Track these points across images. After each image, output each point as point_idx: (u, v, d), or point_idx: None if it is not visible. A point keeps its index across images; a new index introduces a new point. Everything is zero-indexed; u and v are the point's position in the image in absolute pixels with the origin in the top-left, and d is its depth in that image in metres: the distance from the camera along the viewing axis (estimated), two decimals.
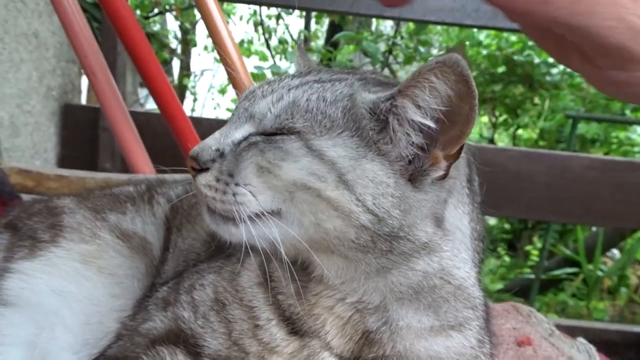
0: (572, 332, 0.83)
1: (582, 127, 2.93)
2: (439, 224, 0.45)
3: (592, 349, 0.73)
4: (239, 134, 0.48)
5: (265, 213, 0.45)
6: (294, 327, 0.48)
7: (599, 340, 0.79)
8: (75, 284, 0.59)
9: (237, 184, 0.45)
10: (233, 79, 1.25)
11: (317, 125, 0.45)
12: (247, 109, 0.49)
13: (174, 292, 0.55)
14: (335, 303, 0.47)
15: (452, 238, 0.46)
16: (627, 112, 3.25)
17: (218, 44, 1.25)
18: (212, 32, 1.25)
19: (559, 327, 0.80)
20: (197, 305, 0.52)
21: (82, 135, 2.00)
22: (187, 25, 4.63)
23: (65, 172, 1.10)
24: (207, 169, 0.46)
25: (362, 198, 0.42)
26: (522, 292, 2.84)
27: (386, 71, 3.00)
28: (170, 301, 0.54)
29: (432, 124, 0.42)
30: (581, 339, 0.75)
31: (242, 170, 0.45)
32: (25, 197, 1.05)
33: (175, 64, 5.04)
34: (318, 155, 0.43)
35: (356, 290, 0.47)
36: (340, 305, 0.47)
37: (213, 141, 0.48)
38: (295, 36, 4.53)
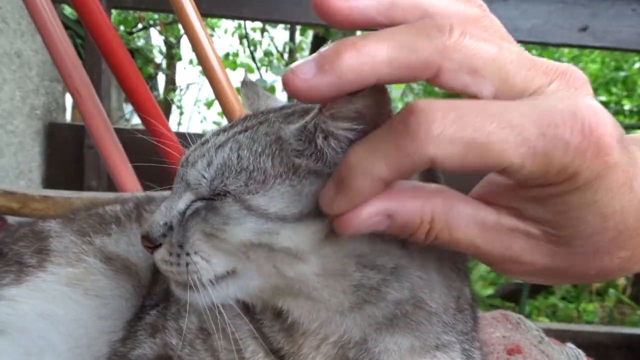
0: (562, 335, 0.83)
1: None
2: (404, 244, 0.42)
3: (581, 353, 0.74)
4: (182, 203, 0.46)
5: (220, 277, 0.44)
6: None
7: (588, 342, 0.80)
8: (63, 307, 0.59)
9: (187, 254, 0.44)
10: (218, 93, 1.26)
11: (252, 182, 0.42)
12: (183, 177, 0.47)
13: (162, 317, 0.55)
14: (320, 342, 0.46)
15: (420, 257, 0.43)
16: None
17: (202, 58, 1.25)
18: (196, 47, 1.26)
19: (550, 331, 0.81)
20: (183, 333, 0.51)
21: (67, 154, 1.98)
22: (172, 39, 4.63)
23: (50, 192, 1.10)
24: (160, 245, 0.46)
25: None
26: (512, 296, 2.86)
27: None
28: (158, 327, 0.54)
29: (356, 131, 0.38)
30: (570, 345, 0.76)
31: (189, 239, 0.45)
32: (11, 219, 1.04)
33: (161, 78, 5.04)
34: (260, 214, 0.41)
35: (335, 331, 0.45)
36: (324, 345, 0.46)
37: (160, 216, 0.47)
38: (280, 48, 4.55)
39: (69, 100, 2.34)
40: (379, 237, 0.40)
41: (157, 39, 4.75)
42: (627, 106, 3.98)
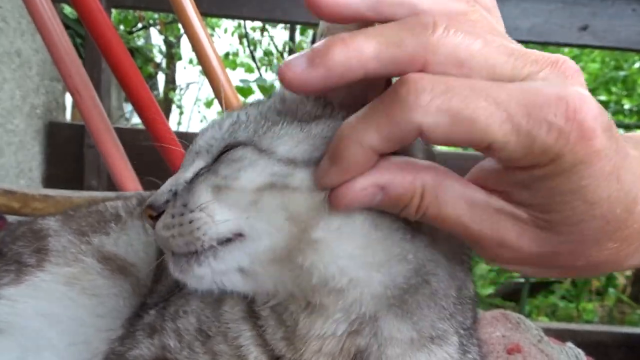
0: (562, 335, 0.83)
1: None
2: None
3: (581, 353, 0.74)
4: (190, 172, 0.46)
5: (226, 238, 0.42)
6: None
7: (588, 341, 0.80)
8: (61, 306, 0.59)
9: (191, 211, 0.43)
10: (218, 93, 1.26)
11: (261, 128, 0.45)
12: (192, 150, 0.48)
13: (160, 318, 0.54)
14: (322, 344, 0.45)
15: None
16: (609, 115, 3.29)
17: (202, 58, 1.25)
18: (196, 47, 1.26)
19: (549, 330, 0.81)
20: (182, 334, 0.50)
21: (67, 153, 1.98)
22: (172, 39, 4.63)
23: (51, 192, 1.09)
24: (163, 212, 0.45)
25: None
26: (512, 296, 2.86)
27: None
28: (156, 328, 0.53)
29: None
30: (570, 344, 0.76)
31: (195, 195, 0.43)
32: (11, 218, 1.04)
33: (161, 78, 5.04)
34: (271, 154, 0.42)
35: (355, 303, 0.43)
36: (329, 342, 0.44)
37: (165, 186, 0.46)
38: (280, 47, 4.55)
39: (69, 99, 2.34)
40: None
41: (157, 38, 4.75)
42: (627, 105, 3.98)
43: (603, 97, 3.83)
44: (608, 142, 0.32)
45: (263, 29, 4.33)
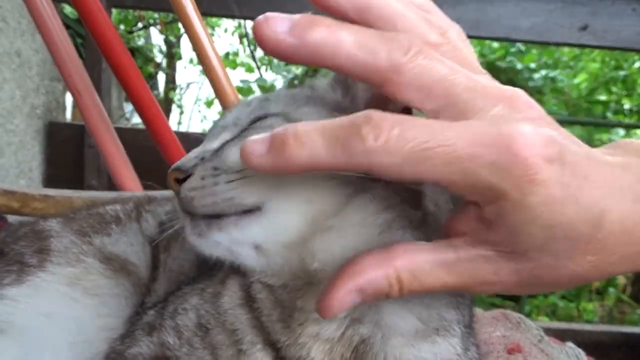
0: (562, 334, 0.83)
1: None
2: (418, 206, 0.45)
3: (581, 353, 0.74)
4: (216, 143, 0.48)
5: (249, 207, 0.43)
6: (278, 355, 0.46)
7: (588, 341, 0.80)
8: (63, 306, 0.59)
9: (224, 172, 0.43)
10: (218, 92, 1.26)
11: (291, 102, 0.47)
12: (218, 124, 0.49)
13: (159, 316, 0.54)
14: (320, 329, 0.45)
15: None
16: (609, 114, 3.30)
17: (202, 57, 1.25)
18: (196, 46, 1.26)
19: (549, 330, 0.81)
20: (181, 331, 0.50)
21: (68, 153, 1.98)
22: (172, 38, 4.63)
23: (51, 191, 1.09)
24: (190, 175, 0.45)
25: None
26: (512, 295, 2.86)
27: None
28: (155, 326, 0.53)
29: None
30: (570, 344, 0.76)
31: (226, 160, 0.44)
32: (11, 218, 1.04)
33: (161, 77, 5.03)
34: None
35: None
36: (327, 327, 0.45)
37: (191, 154, 0.47)
38: None
39: (69, 99, 2.34)
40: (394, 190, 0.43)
41: (157, 38, 4.75)
42: (627, 105, 3.98)
43: (603, 97, 3.83)
44: (558, 170, 0.33)
45: None
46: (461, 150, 0.33)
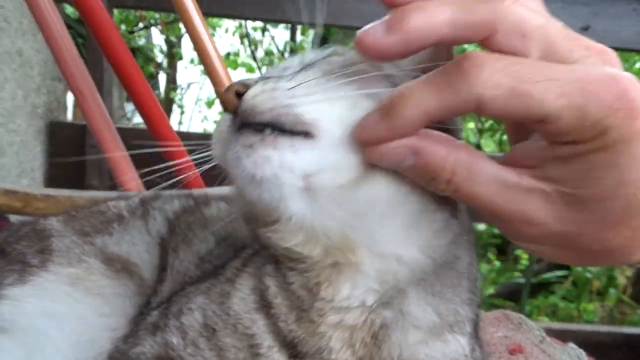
0: (563, 335, 0.83)
1: None
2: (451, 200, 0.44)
3: (583, 353, 0.74)
4: (278, 72, 0.45)
5: (304, 125, 0.39)
6: (294, 351, 0.45)
7: (588, 342, 0.80)
8: (65, 306, 0.59)
9: (292, 78, 0.41)
10: (219, 92, 1.26)
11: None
12: (272, 72, 0.47)
13: (164, 316, 0.54)
14: (343, 316, 0.44)
15: None
16: None
17: (203, 57, 1.25)
18: (197, 46, 1.26)
19: (550, 331, 0.81)
20: (186, 331, 0.49)
21: (69, 153, 1.98)
22: (173, 38, 4.62)
23: (52, 191, 1.10)
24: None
25: None
26: (513, 296, 2.86)
27: None
28: (159, 326, 0.52)
29: None
30: (572, 344, 0.76)
31: (299, 75, 0.42)
32: (13, 217, 1.04)
33: (162, 77, 5.03)
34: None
35: (390, 271, 0.43)
36: (351, 314, 0.43)
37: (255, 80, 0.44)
38: (281, 47, 4.54)
39: (70, 99, 2.34)
40: None
41: (158, 38, 4.75)
42: None
43: None
44: None
45: (264, 29, 4.33)
46: (571, 85, 0.33)
